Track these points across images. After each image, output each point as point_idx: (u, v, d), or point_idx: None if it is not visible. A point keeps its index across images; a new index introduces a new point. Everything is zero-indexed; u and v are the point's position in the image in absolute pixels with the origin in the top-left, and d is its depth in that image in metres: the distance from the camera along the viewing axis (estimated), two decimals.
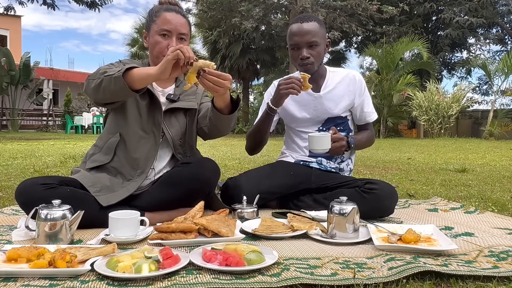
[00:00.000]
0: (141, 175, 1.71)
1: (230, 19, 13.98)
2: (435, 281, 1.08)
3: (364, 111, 2.07)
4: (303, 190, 2.01)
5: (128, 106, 1.73)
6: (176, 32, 1.71)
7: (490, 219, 1.82)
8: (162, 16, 1.72)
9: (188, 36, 1.77)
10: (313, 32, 1.89)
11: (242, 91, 21.63)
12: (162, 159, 1.80)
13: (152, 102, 1.75)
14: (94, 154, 1.77)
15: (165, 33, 1.70)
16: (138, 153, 1.72)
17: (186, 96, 1.85)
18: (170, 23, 1.70)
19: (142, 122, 1.74)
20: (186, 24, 1.75)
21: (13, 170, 3.70)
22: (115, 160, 1.72)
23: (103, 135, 1.82)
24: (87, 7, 11.47)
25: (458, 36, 16.96)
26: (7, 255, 1.15)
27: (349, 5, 13.29)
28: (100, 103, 1.66)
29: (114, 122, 1.78)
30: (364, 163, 4.71)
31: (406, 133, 15.86)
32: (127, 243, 1.39)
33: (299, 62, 1.94)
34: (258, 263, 1.11)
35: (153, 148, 1.74)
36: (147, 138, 1.74)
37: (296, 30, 1.91)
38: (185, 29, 1.74)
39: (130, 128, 1.73)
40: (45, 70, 18.68)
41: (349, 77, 2.05)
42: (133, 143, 1.72)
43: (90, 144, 1.83)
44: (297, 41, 1.90)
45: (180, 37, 1.72)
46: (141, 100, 1.74)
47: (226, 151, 6.75)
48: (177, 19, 1.72)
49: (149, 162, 1.73)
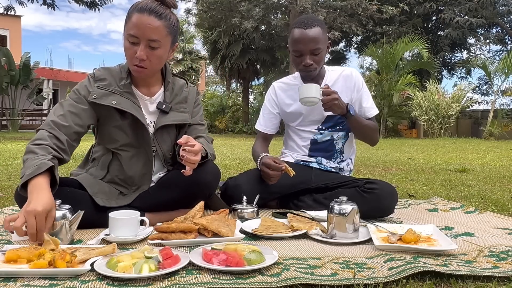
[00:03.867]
0: (136, 190, 1.69)
1: (230, 19, 13.98)
2: (435, 281, 1.08)
3: (363, 106, 2.05)
4: (303, 190, 2.01)
5: (112, 129, 1.64)
6: (145, 38, 1.50)
7: (490, 219, 1.82)
8: (132, 18, 1.51)
9: (163, 39, 1.53)
10: (317, 39, 1.85)
11: (242, 91, 21.65)
12: (158, 171, 1.76)
13: (135, 119, 1.62)
14: (93, 167, 1.73)
15: (133, 40, 1.51)
16: (132, 171, 1.67)
17: (177, 105, 1.73)
18: (138, 28, 1.49)
19: (130, 140, 1.65)
20: (160, 28, 1.51)
21: (13, 170, 3.70)
22: (108, 178, 1.69)
23: (97, 148, 1.74)
24: (87, 7, 11.48)
25: (458, 36, 16.95)
26: (6, 257, 1.14)
27: (349, 5, 13.28)
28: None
29: (103, 142, 1.70)
30: (364, 163, 4.71)
31: (406, 133, 15.87)
32: (127, 243, 1.39)
33: (301, 68, 1.94)
34: (258, 263, 1.11)
35: (147, 165, 1.69)
36: (138, 154, 1.67)
37: (299, 37, 1.86)
38: (158, 35, 1.51)
39: (119, 148, 1.66)
40: (45, 70, 18.67)
41: (346, 74, 2.04)
42: (126, 162, 1.66)
43: (90, 144, 1.80)
44: (301, 49, 1.87)
45: (149, 44, 1.51)
46: (121, 120, 1.63)
47: (226, 151, 6.75)
48: (147, 22, 1.48)
49: (145, 178, 1.70)
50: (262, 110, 2.18)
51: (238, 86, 26.45)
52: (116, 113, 1.63)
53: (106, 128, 1.66)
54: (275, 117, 2.14)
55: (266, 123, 2.14)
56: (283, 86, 2.11)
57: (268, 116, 2.14)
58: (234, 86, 27.10)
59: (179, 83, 1.80)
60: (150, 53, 1.53)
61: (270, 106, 2.13)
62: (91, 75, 1.66)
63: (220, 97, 21.09)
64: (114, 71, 1.67)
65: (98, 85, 1.62)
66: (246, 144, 9.13)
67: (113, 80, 1.64)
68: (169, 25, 1.56)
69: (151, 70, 1.59)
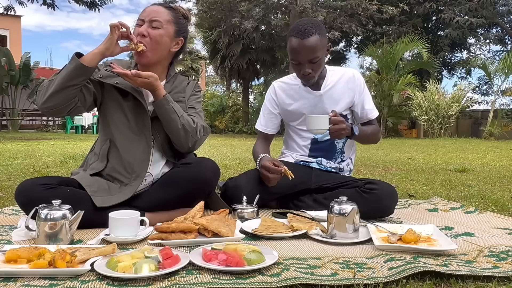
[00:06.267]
0: (136, 179, 1.68)
1: (230, 19, 13.97)
2: (435, 281, 1.08)
3: (365, 108, 2.06)
4: (303, 190, 2.01)
5: (113, 110, 1.70)
6: (148, 18, 1.65)
7: (490, 219, 1.82)
8: (144, 10, 1.70)
9: (165, 23, 1.66)
10: (314, 48, 1.82)
11: (242, 91, 21.65)
12: (158, 162, 1.75)
13: (137, 103, 1.69)
14: (94, 162, 1.74)
15: (139, 23, 1.67)
16: (131, 156, 1.68)
17: (175, 94, 1.77)
18: (145, 12, 1.68)
19: (130, 125, 1.70)
20: (163, 12, 1.67)
21: (13, 170, 3.70)
22: (109, 167, 1.70)
23: (98, 142, 1.79)
24: (87, 7, 11.48)
25: (458, 36, 16.95)
26: (6, 257, 1.15)
27: (349, 5, 13.28)
28: (54, 106, 1.56)
29: (104, 128, 1.75)
30: (364, 163, 4.71)
31: (406, 133, 15.87)
32: (127, 243, 1.39)
33: (301, 76, 1.94)
34: (258, 263, 1.11)
35: (146, 151, 1.70)
36: (138, 140, 1.70)
37: (296, 47, 1.83)
38: (159, 16, 1.66)
39: (119, 132, 1.69)
40: (45, 70, 18.65)
41: (348, 75, 2.04)
42: (125, 147, 1.69)
43: (90, 144, 1.82)
44: (298, 59, 1.86)
45: (152, 24, 1.65)
46: (124, 101, 1.70)
47: (226, 151, 6.75)
48: (153, 7, 1.68)
49: (143, 165, 1.69)
50: (262, 110, 2.18)
51: (238, 86, 26.44)
52: (118, 95, 1.70)
53: (108, 110, 1.71)
54: (275, 117, 2.14)
55: (267, 123, 2.14)
56: (283, 86, 2.11)
57: (269, 116, 2.14)
58: (234, 86, 27.10)
59: (181, 78, 1.87)
60: (150, 31, 1.64)
61: (271, 106, 2.13)
62: (104, 62, 1.77)
63: (220, 97, 21.08)
64: (124, 61, 1.81)
65: (106, 68, 1.72)
66: (246, 144, 9.13)
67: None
68: (175, 15, 1.71)
69: (150, 50, 1.65)
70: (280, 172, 1.84)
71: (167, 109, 1.64)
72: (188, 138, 1.69)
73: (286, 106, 2.08)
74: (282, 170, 1.84)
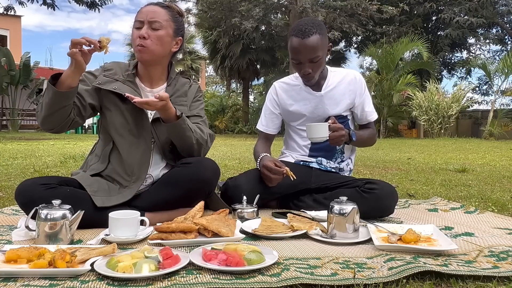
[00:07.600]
0: (136, 181, 1.68)
1: (230, 19, 13.98)
2: (435, 281, 1.08)
3: (365, 111, 2.07)
4: (303, 190, 2.01)
5: (113, 114, 1.70)
6: (147, 19, 1.63)
7: (490, 219, 1.82)
8: (139, 10, 1.69)
9: (164, 23, 1.66)
10: (315, 48, 1.82)
11: (242, 91, 21.64)
12: (158, 164, 1.76)
13: (136, 106, 1.65)
14: (94, 163, 1.74)
15: (138, 25, 1.65)
16: (131, 159, 1.68)
17: (177, 98, 1.77)
18: (142, 13, 1.66)
19: (130, 127, 1.70)
20: (160, 12, 1.66)
21: (13, 170, 3.70)
22: (109, 168, 1.70)
23: (99, 143, 1.80)
24: (87, 8, 11.48)
25: (458, 36, 16.95)
26: (6, 257, 1.14)
27: (349, 5, 13.29)
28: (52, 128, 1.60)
29: (105, 130, 1.75)
30: (364, 163, 4.71)
31: (406, 133, 15.88)
32: (127, 243, 1.39)
33: (301, 75, 1.95)
34: (258, 263, 1.11)
35: (146, 153, 1.71)
36: (138, 143, 1.70)
37: (297, 47, 1.84)
38: (158, 16, 1.64)
39: (119, 135, 1.70)
40: (45, 70, 18.66)
41: (350, 77, 2.05)
42: (125, 150, 1.69)
43: (90, 144, 1.81)
44: (299, 58, 1.86)
45: (151, 26, 1.63)
46: (123, 104, 1.69)
47: (226, 151, 6.75)
48: (150, 8, 1.66)
49: (143, 167, 1.70)
50: (263, 110, 2.18)
51: (238, 86, 26.44)
52: (117, 99, 1.70)
53: (108, 113, 1.71)
54: (276, 117, 2.14)
55: (268, 123, 2.14)
56: (284, 86, 2.11)
57: (270, 116, 2.14)
58: (234, 86, 27.10)
59: (182, 80, 1.87)
60: (151, 33, 1.64)
61: (272, 106, 2.13)
62: (102, 65, 1.78)
63: (220, 97, 21.10)
64: (122, 64, 1.81)
65: (104, 74, 1.73)
66: (246, 144, 9.12)
67: (119, 71, 1.75)
68: (172, 14, 1.71)
69: (152, 50, 1.65)
70: (282, 173, 1.85)
71: (184, 128, 1.64)
72: (200, 150, 1.74)
73: (287, 107, 2.09)
74: (284, 171, 1.84)
